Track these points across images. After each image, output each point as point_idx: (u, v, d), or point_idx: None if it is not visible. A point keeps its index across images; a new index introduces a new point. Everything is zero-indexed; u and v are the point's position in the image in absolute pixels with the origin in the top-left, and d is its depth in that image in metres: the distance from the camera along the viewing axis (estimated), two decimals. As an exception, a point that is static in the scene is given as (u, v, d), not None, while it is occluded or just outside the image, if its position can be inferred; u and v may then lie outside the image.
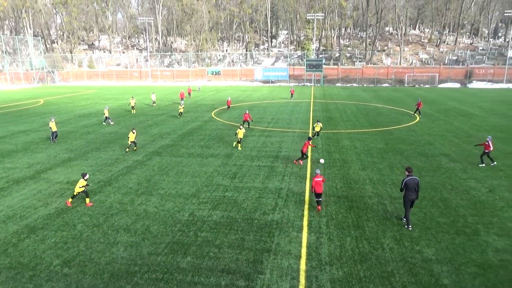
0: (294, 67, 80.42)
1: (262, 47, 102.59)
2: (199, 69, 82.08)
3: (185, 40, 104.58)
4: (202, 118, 34.33)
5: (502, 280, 9.68)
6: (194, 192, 15.76)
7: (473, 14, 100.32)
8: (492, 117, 33.84)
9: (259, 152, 21.99)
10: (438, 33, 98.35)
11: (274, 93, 57.95)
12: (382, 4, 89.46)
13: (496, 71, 71.59)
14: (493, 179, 17.15)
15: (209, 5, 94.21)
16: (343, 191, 15.80)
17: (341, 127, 29.39)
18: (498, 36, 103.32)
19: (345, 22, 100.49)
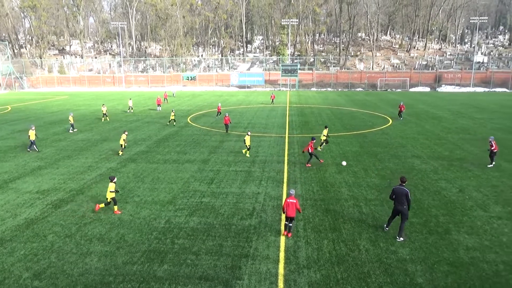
0: (269, 72, 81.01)
1: (237, 52, 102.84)
2: (174, 74, 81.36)
3: (159, 45, 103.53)
4: (178, 123, 34.00)
5: (472, 277, 10.01)
6: (170, 198, 15.54)
7: (441, 20, 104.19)
8: (460, 120, 35.13)
9: (236, 157, 21.96)
10: (408, 39, 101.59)
11: (250, 98, 58.12)
12: (354, 10, 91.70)
13: (463, 76, 74.50)
14: (463, 180, 17.77)
15: (183, 10, 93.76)
16: (320, 194, 15.98)
17: (317, 131, 29.76)
18: (465, 42, 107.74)
19: (319, 28, 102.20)
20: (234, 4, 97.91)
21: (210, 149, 24.11)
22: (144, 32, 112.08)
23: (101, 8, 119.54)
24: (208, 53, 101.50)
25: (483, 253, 11.18)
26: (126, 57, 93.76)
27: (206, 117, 37.95)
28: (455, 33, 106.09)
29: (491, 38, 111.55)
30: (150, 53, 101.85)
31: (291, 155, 22.36)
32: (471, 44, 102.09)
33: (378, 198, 15.49)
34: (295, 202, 12.00)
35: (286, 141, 26.24)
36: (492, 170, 19.25)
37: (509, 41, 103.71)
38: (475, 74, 73.26)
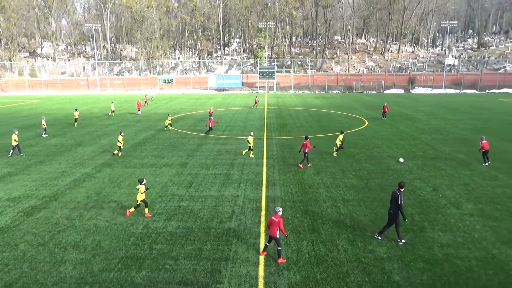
0: (247, 74, 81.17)
1: (215, 55, 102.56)
2: (150, 77, 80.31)
3: (135, 48, 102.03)
4: (155, 127, 33.56)
5: (447, 273, 10.30)
6: (148, 203, 15.28)
7: (413, 24, 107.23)
8: (433, 120, 36.19)
9: (214, 160, 21.86)
10: (382, 42, 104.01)
11: (228, 100, 58.03)
12: (330, 14, 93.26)
13: (435, 78, 76.86)
14: (436, 179, 18.29)
15: (159, 13, 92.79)
16: (298, 195, 16.09)
17: (295, 133, 29.99)
18: (436, 45, 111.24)
19: (296, 31, 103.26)
20: (211, 6, 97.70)
21: (188, 152, 23.90)
22: (119, 34, 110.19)
23: (74, 9, 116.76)
24: (185, 56, 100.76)
25: (456, 249, 11.52)
26: (101, 60, 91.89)
27: (184, 120, 37.61)
28: (427, 36, 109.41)
29: (461, 42, 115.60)
30: (126, 56, 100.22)
31: (270, 158, 22.44)
32: (442, 47, 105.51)
33: (356, 198, 15.74)
34: (277, 221, 10.65)
35: (264, 144, 26.32)
36: (463, 169, 19.90)
37: (477, 44, 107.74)
38: (447, 76, 75.71)
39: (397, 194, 11.68)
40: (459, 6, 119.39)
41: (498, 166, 20.39)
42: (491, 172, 19.34)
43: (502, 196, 15.90)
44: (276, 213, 10.83)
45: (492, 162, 21.09)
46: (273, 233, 10.73)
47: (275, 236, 10.74)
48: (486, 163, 20.69)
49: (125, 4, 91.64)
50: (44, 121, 30.08)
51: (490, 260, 10.92)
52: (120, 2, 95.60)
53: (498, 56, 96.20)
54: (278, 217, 10.73)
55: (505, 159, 21.84)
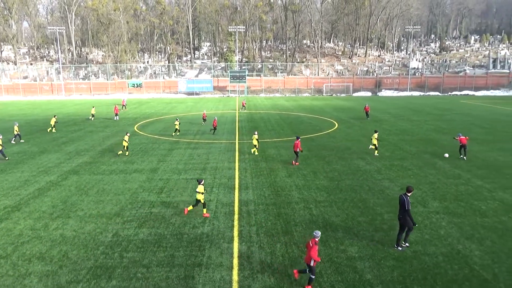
0: (218, 78, 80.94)
1: (185, 59, 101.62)
2: (118, 82, 78.49)
3: (102, 51, 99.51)
4: (124, 132, 32.78)
5: (415, 270, 10.65)
6: (117, 210, 14.92)
7: (379, 29, 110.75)
8: (399, 122, 37.39)
9: (186, 165, 21.61)
10: (350, 46, 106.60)
11: (199, 104, 57.62)
12: (299, 18, 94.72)
13: (401, 81, 79.52)
14: (404, 178, 18.89)
15: (127, 16, 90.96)
16: (271, 198, 16.18)
17: (266, 136, 30.16)
18: (401, 49, 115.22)
19: (266, 35, 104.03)
20: (180, 10, 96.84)
21: (159, 157, 23.52)
22: (85, 37, 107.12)
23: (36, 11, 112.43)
24: (154, 60, 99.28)
25: (424, 246, 11.93)
26: (66, 64, 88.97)
27: (154, 125, 36.98)
28: (392, 41, 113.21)
29: (424, 46, 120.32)
30: (92, 60, 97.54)
31: (242, 161, 22.44)
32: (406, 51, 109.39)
33: (328, 199, 16.00)
34: (311, 247, 9.56)
35: (236, 147, 26.30)
36: (428, 168, 20.67)
37: (439, 48, 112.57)
38: (411, 79, 78.53)
39: (404, 198, 11.50)
40: (422, 12, 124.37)
41: (460, 164, 21.32)
42: (454, 170, 20.18)
43: (465, 194, 16.62)
44: (315, 237, 9.74)
45: (455, 161, 22.03)
46: (309, 260, 9.62)
47: (309, 263, 9.64)
48: (462, 156, 22.60)
49: (90, 6, 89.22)
50: (17, 127, 29.09)
51: (455, 256, 11.37)
52: (85, 4, 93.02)
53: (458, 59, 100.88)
54: (315, 241, 9.66)
55: (467, 157, 22.83)
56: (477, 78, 79.96)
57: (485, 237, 12.50)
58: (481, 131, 32.05)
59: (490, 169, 20.39)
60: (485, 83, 78.73)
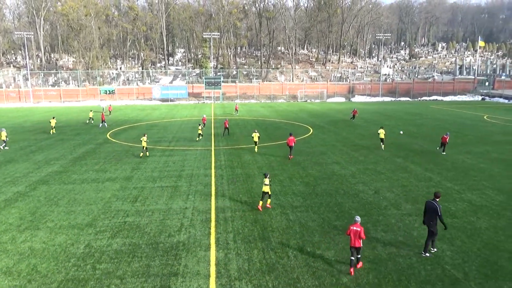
0: (193, 85, 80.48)
1: (159, 65, 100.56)
2: (90, 88, 76.67)
3: (73, 57, 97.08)
4: (96, 140, 32.00)
5: (390, 272, 10.86)
6: (90, 221, 14.49)
7: (351, 36, 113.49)
8: (372, 127, 38.25)
9: (161, 173, 21.30)
10: (323, 53, 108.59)
11: (174, 111, 57.05)
12: (273, 25, 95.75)
13: (373, 87, 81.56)
14: (377, 182, 19.31)
15: (99, 21, 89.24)
16: (248, 205, 16.15)
17: (242, 143, 30.16)
18: (373, 56, 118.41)
19: (241, 41, 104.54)
20: (153, 16, 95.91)
21: (133, 165, 23.06)
22: (54, 43, 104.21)
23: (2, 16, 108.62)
24: (127, 66, 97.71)
25: (398, 248, 12.20)
26: (34, 70, 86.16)
27: (127, 132, 36.28)
28: (364, 48, 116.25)
29: (394, 53, 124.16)
30: (62, 66, 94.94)
31: (218, 168, 22.33)
32: (378, 58, 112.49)
33: (304, 204, 16.12)
34: (359, 230, 10.70)
35: (212, 154, 26.16)
36: (401, 171, 21.22)
37: (409, 55, 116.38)
38: (383, 85, 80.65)
39: (435, 205, 11.43)
40: (392, 20, 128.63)
41: (431, 168, 22.00)
42: (425, 173, 20.80)
43: (436, 196, 17.14)
44: (356, 222, 10.83)
45: (425, 164, 22.73)
46: (357, 243, 10.74)
47: (360, 246, 10.80)
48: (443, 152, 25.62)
49: (60, 11, 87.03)
50: (4, 132, 28.58)
51: (428, 256, 11.67)
52: (55, 9, 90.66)
53: (427, 66, 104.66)
54: (358, 226, 10.76)
55: (437, 161, 23.63)
56: (445, 84, 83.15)
57: (455, 237, 12.92)
58: (450, 135, 33.20)
59: (458, 171, 21.15)
60: (452, 89, 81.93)
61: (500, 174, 20.69)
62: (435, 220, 11.47)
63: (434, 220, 11.48)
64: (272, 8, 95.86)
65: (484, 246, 12.23)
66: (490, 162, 23.26)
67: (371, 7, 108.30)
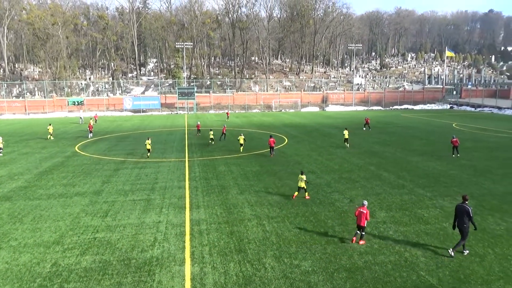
0: (166, 95, 79.68)
1: (130, 75, 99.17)
2: (57, 99, 74.54)
3: (39, 68, 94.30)
4: (64, 153, 31.02)
5: (367, 280, 10.98)
6: (57, 238, 13.95)
7: (324, 47, 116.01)
8: (346, 136, 38.98)
9: (133, 186, 20.84)
10: (297, 63, 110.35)
11: (146, 122, 56.22)
12: (247, 35, 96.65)
13: (346, 96, 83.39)
14: (352, 190, 19.62)
15: (67, 30, 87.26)
16: (223, 216, 16.01)
17: (217, 153, 30.02)
18: (345, 66, 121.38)
19: (214, 51, 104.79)
20: (124, 26, 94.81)
21: (103, 178, 22.47)
22: (19, 52, 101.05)
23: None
24: (97, 76, 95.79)
25: (374, 256, 12.38)
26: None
27: (97, 144, 35.38)
28: (336, 58, 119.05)
29: (366, 63, 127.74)
30: (27, 76, 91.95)
31: (192, 179, 22.08)
32: (350, 68, 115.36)
33: (280, 215, 16.14)
34: (366, 213, 13.05)
35: (186, 165, 25.87)
36: (375, 179, 21.66)
37: (380, 65, 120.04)
38: (356, 95, 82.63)
39: (467, 207, 12.18)
40: (363, 31, 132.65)
41: (403, 175, 22.59)
42: (398, 181, 21.32)
43: (409, 202, 17.59)
44: (363, 205, 13.22)
45: (398, 171, 23.32)
46: (363, 222, 13.05)
47: (364, 225, 13.11)
48: (454, 155, 27.54)
49: (25, 20, 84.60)
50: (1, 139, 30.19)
51: (403, 263, 11.91)
52: (19, 18, 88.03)
53: (397, 76, 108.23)
54: (365, 208, 13.13)
55: (409, 168, 24.30)
56: (415, 93, 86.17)
57: (428, 244, 13.25)
58: (420, 143, 34.30)
59: (429, 178, 21.81)
60: (422, 98, 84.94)
61: (469, 180, 21.48)
62: (468, 222, 12.20)
63: (467, 222, 12.20)
64: (245, 19, 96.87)
65: (456, 251, 12.57)
66: (460, 169, 24.13)
67: (343, 18, 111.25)
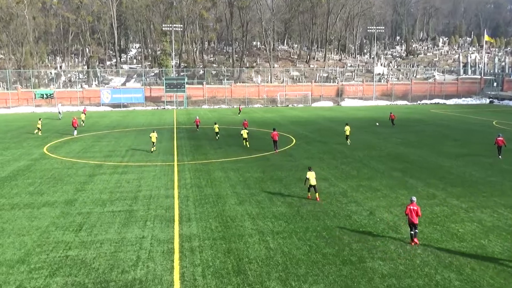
0: (151, 87, 79.95)
1: (108, 63, 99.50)
2: (22, 91, 74.86)
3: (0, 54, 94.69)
4: (30, 155, 31.14)
5: (390, 307, 10.97)
6: (22, 256, 14.00)
7: (339, 30, 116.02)
8: (365, 135, 39.02)
9: (112, 194, 20.90)
10: (307, 49, 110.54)
11: (128, 119, 56.39)
12: (247, 16, 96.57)
13: (365, 88, 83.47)
14: (372, 200, 19.62)
15: (34, 10, 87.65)
16: (219, 231, 16.03)
17: (212, 156, 30.06)
18: (364, 53, 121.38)
19: (208, 35, 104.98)
20: (101, 4, 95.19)
21: (76, 186, 22.55)
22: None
23: None
24: (70, 64, 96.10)
25: (398, 279, 12.37)
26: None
27: (69, 145, 35.50)
28: (353, 43, 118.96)
29: (389, 49, 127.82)
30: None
31: (183, 187, 22.13)
32: (370, 55, 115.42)
33: (286, 229, 16.15)
34: (416, 209, 14.50)
35: (175, 170, 25.94)
36: (400, 188, 21.67)
37: (406, 52, 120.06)
38: (377, 87, 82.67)
39: None
40: (385, 10, 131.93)
41: (434, 182, 22.58)
42: (428, 189, 21.32)
43: (441, 215, 17.58)
44: (413, 202, 14.73)
45: (427, 178, 23.31)
46: (416, 220, 14.56)
47: (416, 222, 14.64)
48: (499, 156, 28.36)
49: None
50: None
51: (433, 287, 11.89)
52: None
53: (426, 64, 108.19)
54: (415, 205, 14.66)
55: (440, 174, 24.28)
56: (447, 85, 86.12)
57: (464, 264, 13.23)
58: (454, 144, 34.30)
59: (465, 187, 21.79)
60: (456, 90, 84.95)
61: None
62: None
63: None
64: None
65: (498, 274, 12.56)
66: (501, 175, 24.11)
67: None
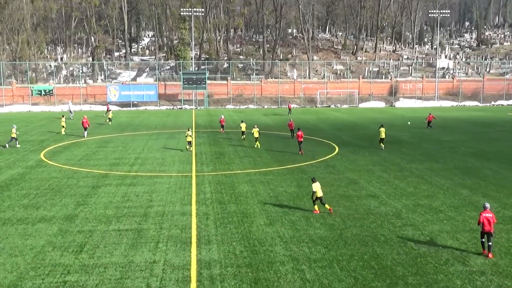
0: (165, 83, 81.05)
1: (117, 55, 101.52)
2: (18, 87, 77.35)
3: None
4: (25, 162, 32.07)
5: None
6: (13, 280, 14.38)
7: (393, 14, 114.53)
8: (425, 144, 38.35)
9: (118, 210, 21.24)
10: (353, 37, 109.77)
11: (138, 121, 57.30)
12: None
13: (425, 86, 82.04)
14: (434, 224, 19.21)
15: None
16: (245, 257, 16.03)
17: (237, 166, 30.15)
18: (424, 42, 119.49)
19: (235, 21, 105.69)
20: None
21: (77, 199, 23.04)
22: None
23: None
24: (72, 56, 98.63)
25: (465, 322, 12.05)
26: None
27: (70, 151, 36.35)
28: (411, 30, 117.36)
29: (456, 38, 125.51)
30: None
31: (202, 203, 22.27)
32: (432, 45, 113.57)
33: (326, 257, 16.00)
34: (491, 216, 15.48)
35: (193, 182, 26.14)
36: (468, 209, 21.14)
37: (477, 41, 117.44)
38: (440, 84, 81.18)
39: None
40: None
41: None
42: (504, 212, 20.72)
43: (520, 244, 17.04)
44: (487, 209, 15.65)
45: (504, 197, 22.67)
46: (491, 228, 15.43)
47: (492, 231, 15.50)
48: None
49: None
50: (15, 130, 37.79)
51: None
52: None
53: (503, 56, 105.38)
54: (490, 212, 15.64)
55: (520, 193, 23.57)
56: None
57: (549, 306, 12.77)
58: (538, 156, 33.26)
59: (551, 209, 21.06)
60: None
61: None
62: None
63: None
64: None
65: None
66: None
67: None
